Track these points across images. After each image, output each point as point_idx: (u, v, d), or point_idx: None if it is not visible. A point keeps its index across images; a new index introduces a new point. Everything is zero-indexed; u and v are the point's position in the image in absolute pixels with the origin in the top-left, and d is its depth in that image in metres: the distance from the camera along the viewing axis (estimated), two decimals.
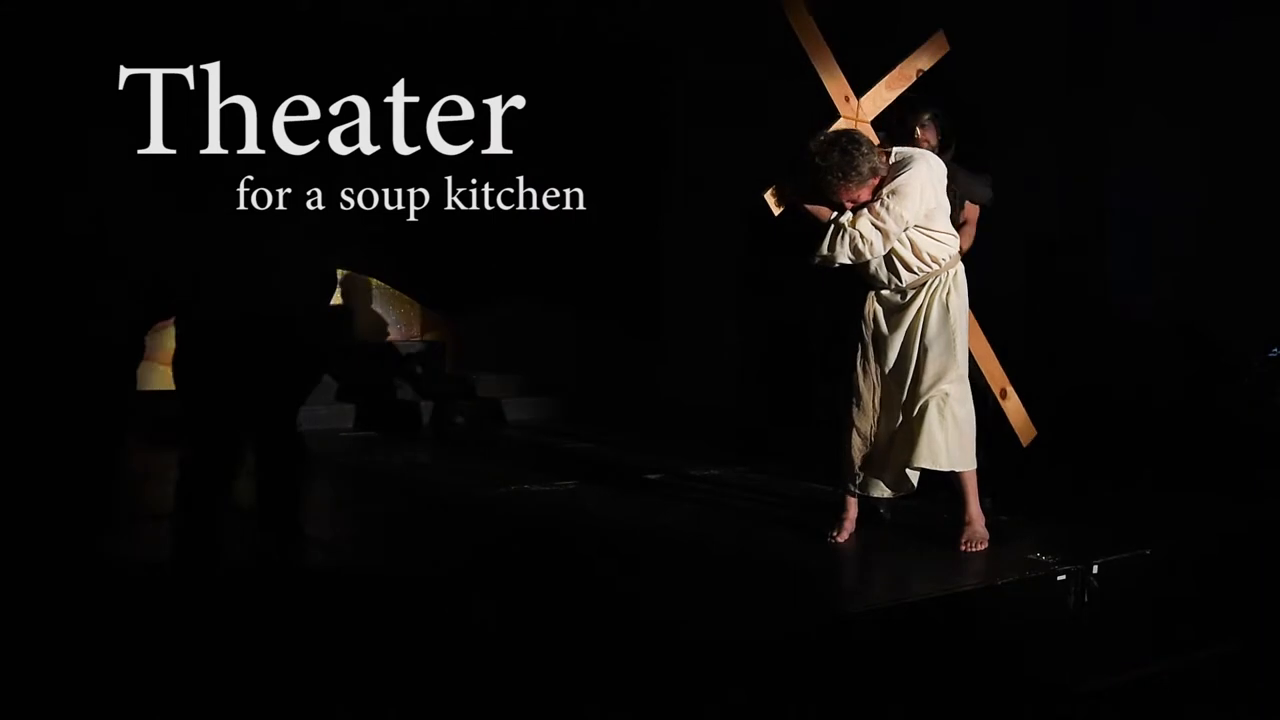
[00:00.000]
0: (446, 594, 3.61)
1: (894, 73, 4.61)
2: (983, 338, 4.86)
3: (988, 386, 4.79)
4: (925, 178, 3.90)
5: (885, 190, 3.86)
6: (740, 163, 8.55)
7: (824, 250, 3.92)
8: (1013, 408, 5.16)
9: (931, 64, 4.68)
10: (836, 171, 3.81)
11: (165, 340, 7.92)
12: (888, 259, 3.99)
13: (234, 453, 3.67)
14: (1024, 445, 5.31)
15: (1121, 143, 7.46)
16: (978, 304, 4.57)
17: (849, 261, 3.94)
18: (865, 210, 3.86)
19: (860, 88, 4.54)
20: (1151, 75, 7.24)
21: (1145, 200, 7.28)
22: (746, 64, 7.98)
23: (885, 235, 3.86)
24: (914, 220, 3.90)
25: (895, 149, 3.97)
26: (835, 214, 3.90)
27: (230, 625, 3.29)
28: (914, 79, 4.62)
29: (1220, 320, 6.83)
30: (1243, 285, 6.74)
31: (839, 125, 4.44)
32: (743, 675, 3.15)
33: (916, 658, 3.44)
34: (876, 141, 4.05)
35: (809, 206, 3.95)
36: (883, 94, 4.60)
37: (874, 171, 3.85)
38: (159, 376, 7.81)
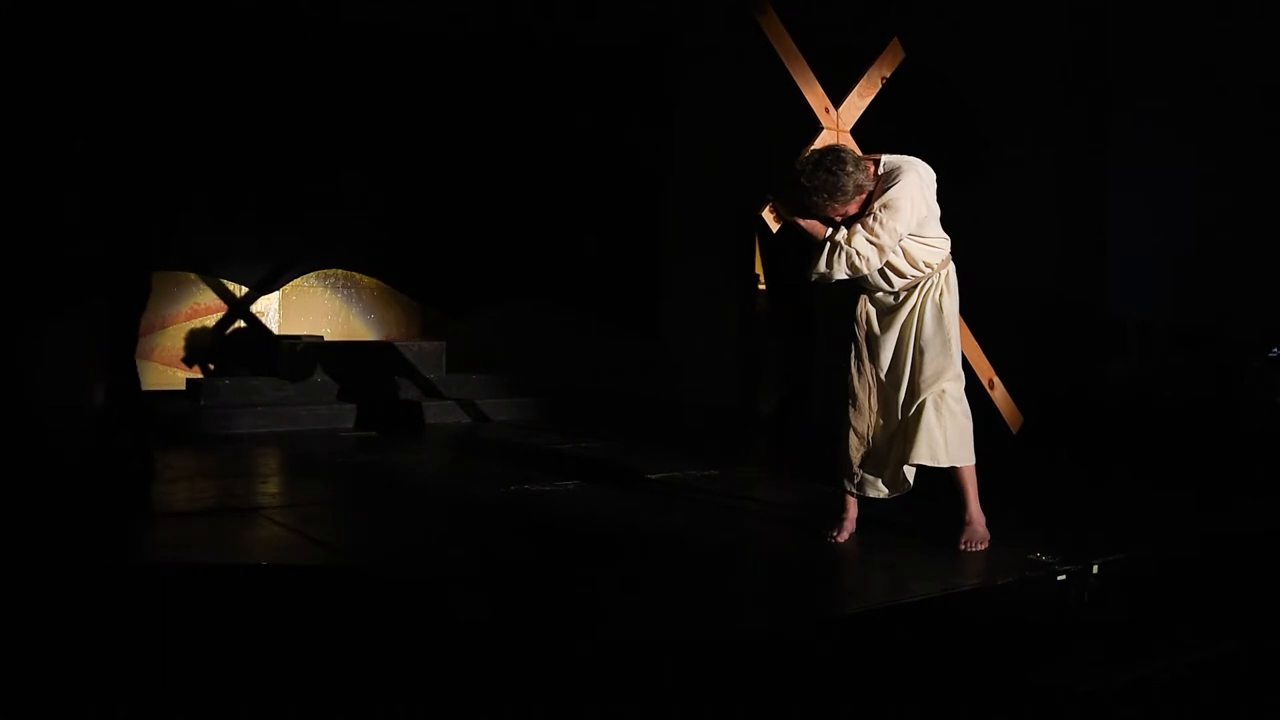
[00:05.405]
0: (445, 594, 3.61)
1: (862, 82, 4.95)
2: (968, 332, 4.97)
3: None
4: (916, 188, 3.91)
5: (877, 204, 3.88)
6: (739, 164, 8.57)
7: (821, 267, 3.95)
8: (1000, 397, 5.38)
9: (893, 70, 5.02)
10: (822, 192, 3.87)
11: (165, 340, 7.95)
12: (881, 268, 4.00)
13: None
14: (1014, 432, 5.43)
15: (1121, 143, 7.47)
16: (977, 303, 4.58)
17: (846, 277, 3.97)
18: (859, 226, 3.88)
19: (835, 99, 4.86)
20: (1151, 76, 7.26)
21: (1145, 200, 7.29)
22: (745, 63, 7.98)
23: (880, 250, 3.88)
24: (907, 231, 3.91)
25: (884, 158, 3.98)
26: (830, 230, 3.94)
27: (230, 624, 3.29)
28: (880, 86, 4.88)
29: (1220, 320, 6.83)
30: (1243, 285, 6.75)
31: (822, 137, 4.71)
32: (742, 675, 3.15)
33: (916, 658, 3.43)
34: (860, 153, 4.07)
35: (803, 222, 3.99)
36: (856, 102, 4.94)
37: (859, 188, 3.89)
38: (159, 377, 7.82)
